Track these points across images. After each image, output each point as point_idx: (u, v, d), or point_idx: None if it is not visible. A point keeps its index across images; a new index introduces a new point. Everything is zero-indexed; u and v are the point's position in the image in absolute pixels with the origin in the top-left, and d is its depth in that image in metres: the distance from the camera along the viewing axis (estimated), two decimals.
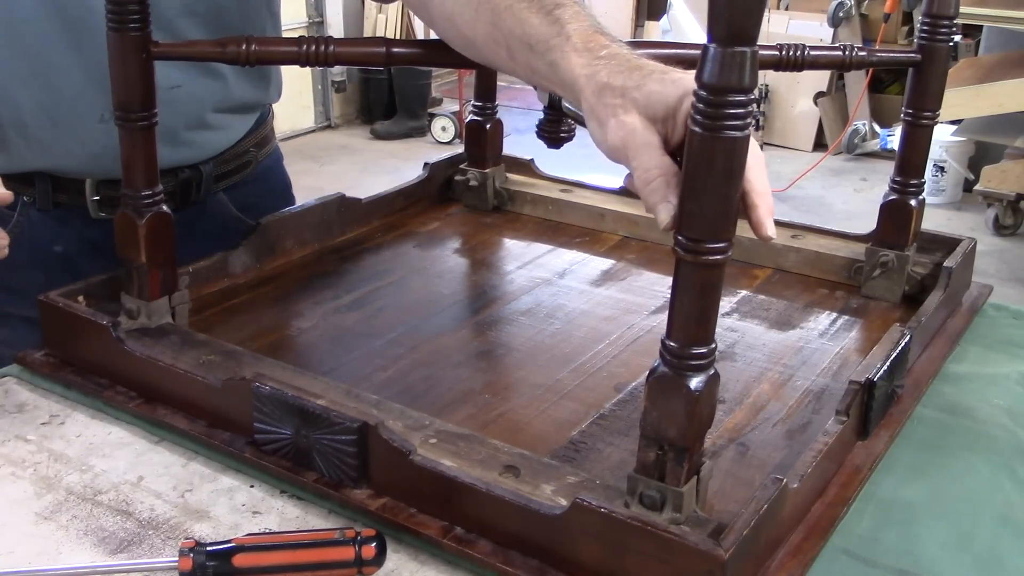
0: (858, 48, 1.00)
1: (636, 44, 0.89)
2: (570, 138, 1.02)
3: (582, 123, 0.83)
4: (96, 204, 1.07)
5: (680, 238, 0.60)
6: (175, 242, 0.93)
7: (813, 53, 0.97)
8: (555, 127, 1.04)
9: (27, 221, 1.07)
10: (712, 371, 0.64)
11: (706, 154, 0.58)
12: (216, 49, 0.86)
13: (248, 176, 1.20)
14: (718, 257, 0.60)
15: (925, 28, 1.00)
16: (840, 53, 1.00)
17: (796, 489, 0.71)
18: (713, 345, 0.63)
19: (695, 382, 0.62)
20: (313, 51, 0.86)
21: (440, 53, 0.88)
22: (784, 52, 0.96)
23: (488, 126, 1.32)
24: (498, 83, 1.33)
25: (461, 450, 0.76)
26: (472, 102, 1.33)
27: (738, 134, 0.57)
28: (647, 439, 0.65)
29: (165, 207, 0.92)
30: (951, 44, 1.01)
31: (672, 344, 0.63)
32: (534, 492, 0.71)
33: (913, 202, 1.06)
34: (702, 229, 0.59)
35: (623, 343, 1.00)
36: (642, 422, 0.65)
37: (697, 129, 0.58)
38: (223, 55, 0.86)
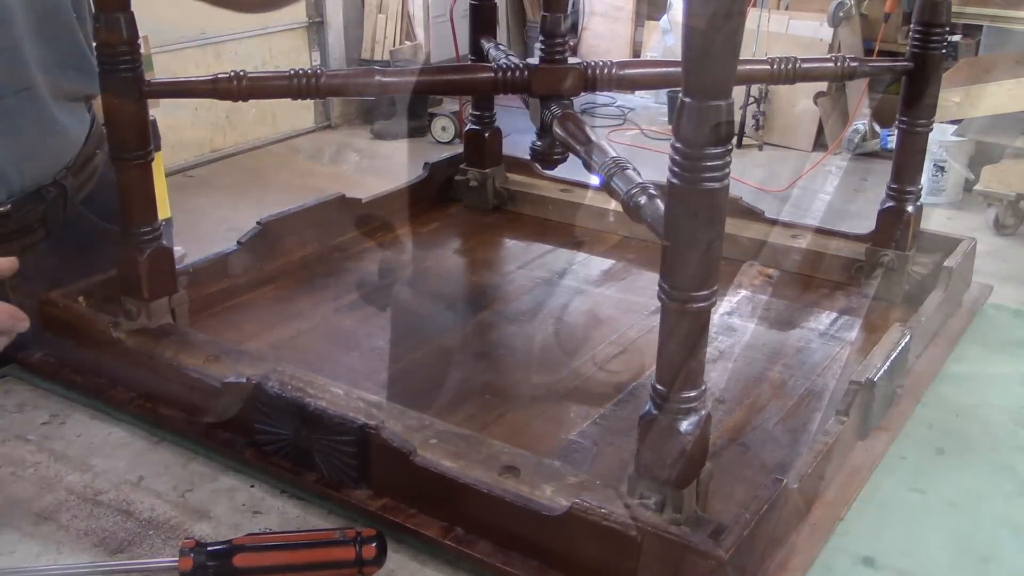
0: (850, 59, 1.00)
1: (625, 64, 0.90)
2: (564, 159, 1.02)
3: (573, 150, 0.83)
4: None
5: (665, 287, 0.61)
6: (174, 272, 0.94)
7: (805, 66, 0.97)
8: (548, 148, 1.04)
9: None
10: (703, 412, 0.64)
11: (687, 206, 0.59)
12: (208, 86, 0.88)
13: (99, 182, 1.13)
14: (703, 304, 0.61)
15: (917, 36, 1.00)
16: (832, 64, 1.00)
17: (796, 489, 0.71)
18: (703, 387, 0.64)
19: (685, 425, 0.64)
20: (305, 84, 0.87)
21: (432, 81, 0.89)
22: (776, 66, 0.96)
23: (487, 135, 1.32)
24: None
25: (461, 451, 0.76)
26: (471, 111, 1.33)
27: (717, 185, 0.58)
28: (644, 480, 0.66)
29: (164, 241, 0.92)
30: (943, 52, 1.01)
31: (661, 388, 0.64)
32: (534, 492, 0.71)
33: (910, 208, 1.06)
34: (686, 279, 0.60)
35: (623, 343, 1.00)
36: (637, 463, 0.66)
37: (677, 182, 0.59)
38: (215, 91, 0.87)
